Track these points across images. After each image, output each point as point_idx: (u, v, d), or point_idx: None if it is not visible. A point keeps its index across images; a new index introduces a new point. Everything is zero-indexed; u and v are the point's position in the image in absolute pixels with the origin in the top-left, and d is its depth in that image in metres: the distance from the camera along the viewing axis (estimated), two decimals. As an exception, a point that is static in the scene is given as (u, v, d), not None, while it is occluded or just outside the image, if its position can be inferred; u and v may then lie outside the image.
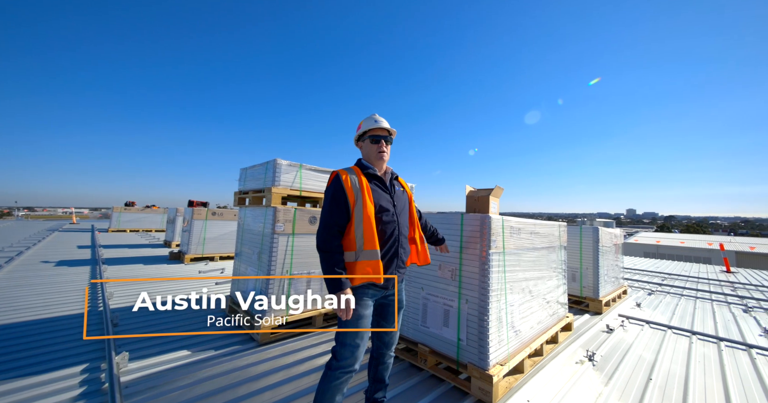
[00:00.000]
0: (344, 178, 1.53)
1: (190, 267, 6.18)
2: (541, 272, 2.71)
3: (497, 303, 2.11)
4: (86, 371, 2.14)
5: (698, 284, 6.39)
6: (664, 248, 20.19)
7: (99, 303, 3.65)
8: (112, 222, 13.52)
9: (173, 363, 2.29)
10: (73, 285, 4.45)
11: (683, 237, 25.60)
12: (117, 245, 8.94)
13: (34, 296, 3.87)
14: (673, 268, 8.71)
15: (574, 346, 2.90)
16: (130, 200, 15.10)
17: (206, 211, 6.94)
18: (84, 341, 2.60)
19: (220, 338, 2.76)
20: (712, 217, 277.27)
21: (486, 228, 2.09)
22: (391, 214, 1.60)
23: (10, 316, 3.19)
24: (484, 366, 1.99)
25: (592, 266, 4.19)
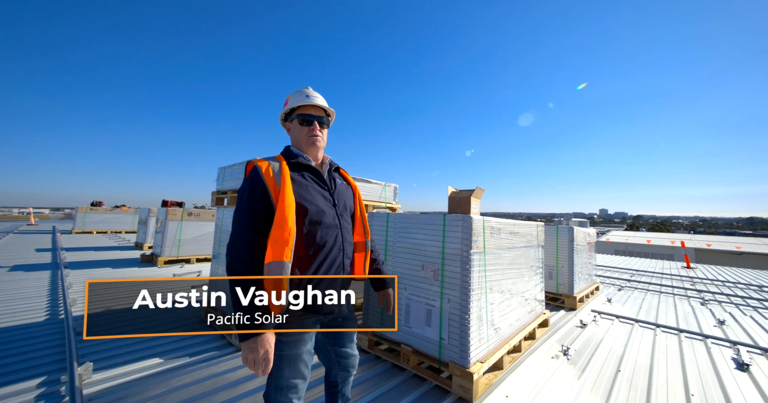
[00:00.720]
0: (264, 168, 1.14)
1: (164, 270, 5.89)
2: (520, 271, 2.80)
3: (478, 302, 2.16)
4: (44, 384, 1.98)
5: (662, 280, 6.85)
6: (632, 246, 21.54)
7: (60, 311, 3.39)
8: (76, 223, 12.63)
9: (143, 372, 2.16)
10: (30, 292, 4.11)
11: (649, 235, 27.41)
12: (82, 248, 8.36)
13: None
14: (640, 264, 9.27)
15: (550, 341, 3.01)
16: (97, 200, 14.16)
17: (182, 211, 6.63)
18: (42, 353, 2.41)
19: (196, 344, 2.64)
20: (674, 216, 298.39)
21: (467, 228, 2.13)
22: (331, 216, 1.24)
23: (-45, 327, 2.90)
24: (465, 364, 2.02)
25: (567, 264, 4.38)
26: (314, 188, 1.23)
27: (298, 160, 1.25)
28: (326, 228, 1.21)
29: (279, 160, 1.21)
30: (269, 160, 1.20)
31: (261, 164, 1.16)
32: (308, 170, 1.26)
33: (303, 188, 1.19)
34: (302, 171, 1.24)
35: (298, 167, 1.24)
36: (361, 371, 2.30)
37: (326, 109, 1.32)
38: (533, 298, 3.09)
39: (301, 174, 1.23)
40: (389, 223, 2.66)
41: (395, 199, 4.26)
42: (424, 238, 2.37)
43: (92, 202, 14.19)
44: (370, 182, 3.92)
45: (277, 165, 1.17)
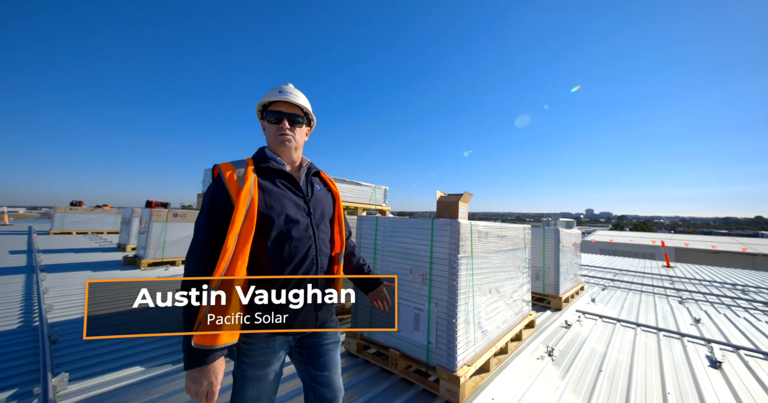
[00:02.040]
0: (228, 175, 1.04)
1: (148, 273, 5.72)
2: (507, 273, 2.84)
3: (465, 305, 2.18)
4: (14, 397, 1.89)
5: (643, 279, 7.10)
6: (617, 246, 22.24)
7: (35, 317, 3.25)
8: (54, 223, 12.11)
9: (124, 381, 2.09)
10: (2, 297, 3.92)
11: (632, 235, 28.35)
12: (60, 250, 8.03)
13: (-49, 312, 3.35)
14: (623, 264, 9.57)
15: (536, 342, 3.07)
16: (77, 199, 13.62)
17: (167, 212, 6.45)
18: (14, 363, 2.30)
19: (178, 352, 2.57)
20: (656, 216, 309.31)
21: (455, 233, 2.14)
22: (303, 226, 1.12)
23: None
24: (452, 368, 2.04)
25: (553, 266, 4.48)
26: (286, 196, 1.11)
27: (269, 164, 1.13)
28: (297, 240, 1.10)
29: (246, 163, 1.10)
30: (235, 164, 1.08)
31: (225, 170, 1.05)
32: (281, 176, 1.15)
33: (272, 196, 1.08)
34: (274, 177, 1.13)
35: (269, 173, 1.13)
36: (349, 376, 2.29)
37: (303, 107, 1.17)
38: (520, 299, 3.14)
39: (272, 180, 1.11)
40: (378, 227, 2.66)
41: (385, 202, 4.26)
42: (413, 242, 2.38)
43: (72, 201, 13.64)
44: (360, 185, 3.91)
45: (242, 170, 1.06)
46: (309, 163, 1.28)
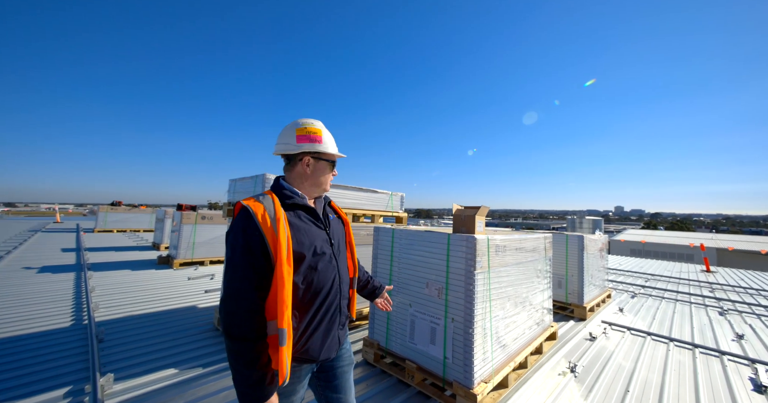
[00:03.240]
0: (260, 216, 1.02)
1: (180, 272, 6.11)
2: (526, 286, 2.77)
3: (482, 321, 2.16)
4: (70, 394, 2.11)
5: (679, 286, 6.64)
6: (649, 246, 20.82)
7: (84, 315, 3.59)
8: (98, 222, 13.20)
9: (160, 383, 2.28)
10: (57, 295, 4.35)
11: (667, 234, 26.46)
12: (103, 248, 8.75)
13: (16, 308, 3.77)
14: (656, 268, 9.00)
15: (557, 356, 2.99)
16: (117, 200, 14.76)
17: (195, 215, 6.84)
18: (68, 360, 2.57)
19: (208, 355, 2.75)
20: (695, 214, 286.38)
21: (471, 248, 2.12)
22: (328, 257, 1.17)
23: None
24: (469, 385, 2.04)
25: (577, 273, 4.30)
26: (311, 230, 1.15)
27: (295, 200, 1.15)
28: (323, 272, 1.15)
29: (272, 200, 1.10)
30: (262, 201, 1.07)
31: (255, 209, 1.03)
32: (304, 210, 1.18)
33: (300, 232, 1.11)
34: (299, 212, 1.16)
35: (294, 208, 1.15)
36: (367, 386, 2.35)
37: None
38: (541, 310, 3.06)
39: (298, 216, 1.14)
40: (395, 239, 2.68)
41: (402, 209, 4.26)
42: (429, 255, 2.38)
43: (112, 201, 14.81)
44: (377, 192, 3.94)
45: (272, 210, 1.05)
46: (324, 195, 1.33)
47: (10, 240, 9.75)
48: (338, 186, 3.56)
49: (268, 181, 2.98)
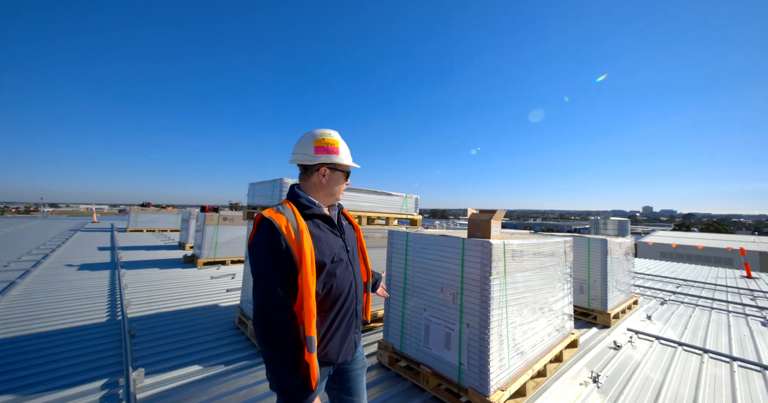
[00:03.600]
0: (284, 227, 1.06)
1: (203, 271, 6.39)
2: (545, 291, 2.69)
3: (498, 328, 2.12)
4: (106, 386, 2.28)
5: (715, 293, 6.20)
6: (681, 250, 19.50)
7: (118, 312, 3.84)
8: (129, 222, 14.06)
9: (186, 379, 2.40)
10: (94, 291, 4.68)
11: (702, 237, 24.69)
12: (134, 247, 9.30)
13: (58, 303, 4.09)
14: (689, 273, 8.45)
15: (578, 365, 2.88)
16: (147, 201, 15.66)
17: (218, 216, 7.13)
18: (104, 354, 2.76)
19: (230, 353, 2.87)
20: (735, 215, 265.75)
21: (487, 254, 2.09)
22: (345, 263, 1.22)
23: (38, 325, 3.39)
24: (485, 392, 2.01)
25: (600, 278, 4.12)
26: (330, 238, 1.20)
27: (313, 210, 1.20)
28: (341, 278, 1.20)
29: (292, 211, 1.14)
30: (283, 212, 1.11)
31: (279, 221, 1.07)
32: (321, 218, 1.23)
33: (320, 241, 1.15)
34: (317, 221, 1.21)
35: (313, 217, 1.20)
36: (382, 389, 2.37)
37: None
38: (561, 316, 2.96)
39: (317, 225, 1.19)
40: (409, 242, 2.69)
41: (416, 211, 4.25)
42: (443, 260, 2.37)
43: (142, 203, 15.72)
44: (392, 195, 3.96)
45: (294, 221, 1.10)
46: (337, 203, 1.38)
47: (54, 239, 10.57)
48: (353, 189, 3.60)
49: (285, 185, 3.07)
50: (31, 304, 4.05)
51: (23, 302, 4.13)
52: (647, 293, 5.85)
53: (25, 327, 3.31)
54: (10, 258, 7.02)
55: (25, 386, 2.25)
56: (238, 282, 5.57)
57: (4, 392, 2.16)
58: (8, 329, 3.26)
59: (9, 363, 2.56)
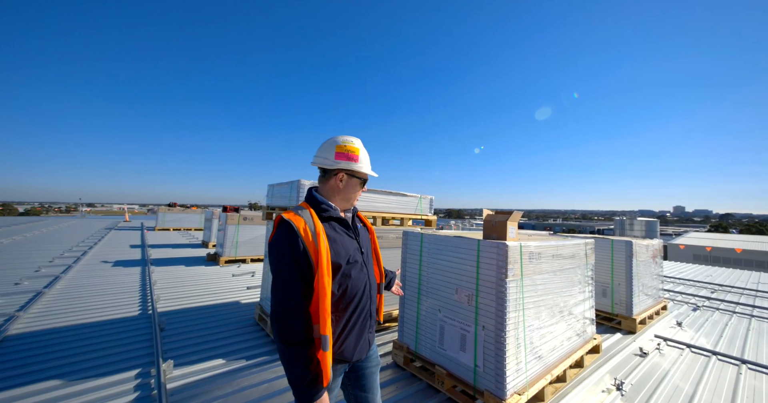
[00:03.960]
0: (302, 229, 1.11)
1: (225, 269, 6.66)
2: (564, 294, 2.62)
3: (515, 330, 2.09)
4: (139, 375, 2.44)
5: (755, 299, 5.76)
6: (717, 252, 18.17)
7: (148, 306, 4.08)
8: (158, 221, 14.88)
9: (210, 372, 2.53)
10: (127, 287, 5.00)
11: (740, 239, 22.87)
12: (162, 245, 9.83)
13: (96, 297, 4.41)
14: (725, 277, 7.89)
15: (601, 371, 2.78)
16: (173, 201, 16.50)
17: (238, 216, 7.41)
18: (137, 346, 2.95)
19: (250, 348, 2.99)
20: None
21: (503, 256, 2.07)
22: (359, 265, 1.27)
23: (78, 317, 3.68)
24: (501, 396, 1.99)
25: (625, 282, 3.95)
26: (345, 240, 1.25)
27: (330, 213, 1.25)
28: (356, 279, 1.24)
29: (309, 213, 1.19)
30: (301, 215, 1.16)
31: (297, 222, 1.12)
32: (338, 221, 1.28)
33: (336, 243, 1.20)
34: (333, 223, 1.26)
35: (329, 220, 1.25)
36: (396, 389, 2.40)
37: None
38: (582, 320, 2.87)
39: (333, 227, 1.24)
40: (423, 243, 2.69)
41: (430, 211, 4.24)
42: (458, 261, 2.36)
43: (169, 203, 16.57)
44: (406, 195, 3.97)
45: (312, 224, 1.15)
46: (353, 207, 1.42)
47: (92, 237, 11.36)
48: (368, 190, 3.65)
49: (302, 187, 3.16)
50: (73, 297, 4.39)
51: (66, 295, 4.49)
52: (677, 299, 5.53)
53: (69, 318, 3.60)
54: (54, 254, 7.63)
55: (70, 373, 2.45)
56: (257, 280, 5.77)
57: (53, 378, 2.37)
58: (54, 319, 3.56)
59: (56, 351, 2.81)
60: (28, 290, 4.62)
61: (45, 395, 2.16)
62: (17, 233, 11.57)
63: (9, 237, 10.27)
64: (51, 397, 2.14)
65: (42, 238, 10.74)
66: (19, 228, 13.38)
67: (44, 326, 3.36)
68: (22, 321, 3.47)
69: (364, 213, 3.61)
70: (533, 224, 58.19)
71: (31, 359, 2.64)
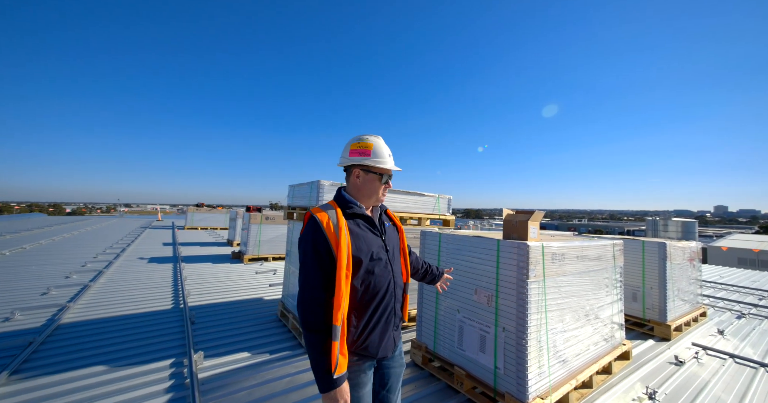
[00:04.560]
0: (325, 223, 1.17)
1: (249, 267, 6.95)
2: (590, 297, 2.52)
3: (537, 333, 2.04)
4: (173, 365, 2.62)
5: (812, 308, 5.22)
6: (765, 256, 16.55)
7: (180, 300, 4.35)
8: (187, 221, 15.76)
9: (237, 364, 2.67)
10: (161, 282, 5.35)
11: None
12: (191, 243, 10.40)
13: (133, 291, 4.76)
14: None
15: (631, 379, 2.65)
16: (200, 202, 17.40)
17: (261, 216, 7.70)
18: (171, 337, 3.16)
19: (274, 343, 3.12)
20: None
21: (524, 256, 2.03)
22: (384, 262, 1.28)
23: (119, 309, 3.99)
24: (523, 399, 1.95)
25: (657, 285, 3.72)
26: (369, 237, 1.27)
27: (354, 210, 1.28)
28: (380, 276, 1.26)
29: (335, 209, 1.25)
30: (326, 210, 1.23)
31: (321, 217, 1.19)
32: (362, 218, 1.31)
33: (359, 239, 1.23)
34: (357, 220, 1.29)
35: (354, 217, 1.28)
36: (415, 388, 2.41)
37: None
38: (610, 325, 2.74)
39: (357, 224, 1.27)
40: (441, 243, 2.69)
41: (449, 211, 4.21)
42: (478, 262, 2.33)
43: (197, 203, 17.49)
44: (424, 195, 3.96)
45: (335, 219, 1.20)
46: (381, 204, 1.44)
47: (129, 235, 12.22)
48: (385, 190, 3.67)
49: (322, 187, 3.24)
50: (114, 290, 4.76)
51: (108, 288, 4.87)
52: (719, 305, 5.12)
53: (111, 310, 3.91)
54: (98, 251, 8.29)
55: (113, 360, 2.67)
56: (279, 278, 5.97)
57: (99, 363, 2.60)
58: (99, 310, 3.88)
59: (100, 339, 3.06)
60: (76, 283, 5.06)
61: (94, 378, 2.37)
62: (66, 231, 12.68)
63: (59, 235, 11.28)
64: (100, 381, 2.35)
65: (87, 235, 11.70)
66: (68, 226, 14.68)
67: (90, 316, 3.67)
68: (72, 311, 3.81)
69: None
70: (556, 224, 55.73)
71: (81, 346, 2.90)
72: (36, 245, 8.97)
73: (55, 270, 5.94)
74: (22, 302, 4.07)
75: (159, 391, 2.25)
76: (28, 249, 8.29)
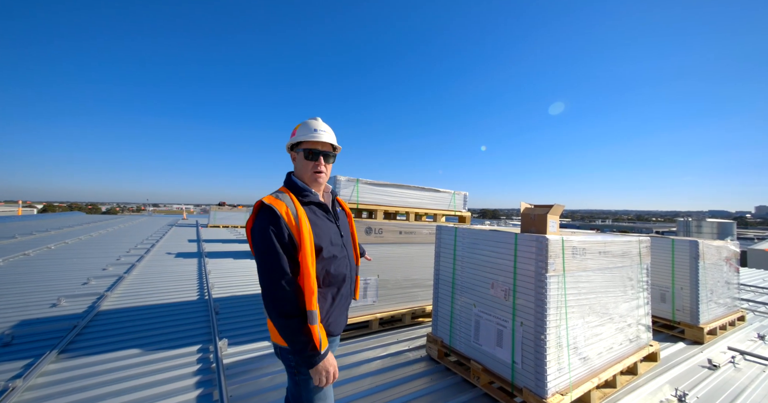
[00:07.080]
0: (284, 213, 1.15)
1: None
2: (613, 295, 2.44)
3: (556, 328, 2.00)
4: (200, 351, 2.77)
5: None
6: (817, 259, 15.13)
7: (205, 292, 4.57)
8: (210, 219, 16.46)
9: (257, 352, 2.78)
10: (187, 275, 5.63)
11: None
12: (214, 240, 10.86)
13: (163, 283, 5.05)
14: (829, 288, 6.59)
15: (659, 380, 2.54)
16: (222, 201, 18.12)
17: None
18: (197, 325, 3.34)
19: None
20: None
21: (543, 250, 1.99)
22: (340, 247, 1.32)
23: (150, 299, 4.25)
24: (542, 394, 1.92)
25: (689, 286, 3.52)
26: (325, 224, 1.29)
27: (309, 198, 1.28)
28: (338, 260, 1.30)
29: (289, 197, 1.22)
30: (282, 198, 1.20)
31: (279, 207, 1.16)
32: (317, 205, 1.31)
33: (318, 226, 1.24)
34: (313, 207, 1.29)
35: (309, 204, 1.28)
36: (431, 380, 2.42)
37: (334, 145, 1.33)
38: (635, 325, 2.64)
39: (314, 211, 1.28)
40: (457, 238, 2.68)
41: (464, 208, 4.17)
42: (495, 256, 2.31)
43: (219, 202, 18.24)
44: (440, 191, 3.95)
45: (293, 208, 1.19)
46: (331, 189, 1.48)
47: (157, 232, 12.92)
48: (401, 186, 3.70)
49: (339, 182, 3.31)
50: (145, 282, 5.08)
51: (140, 280, 5.20)
52: (760, 309, 4.77)
53: (143, 299, 4.18)
54: (130, 246, 8.84)
55: (146, 344, 2.86)
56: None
57: (134, 347, 2.79)
58: (132, 299, 4.15)
59: (134, 326, 3.29)
60: (112, 274, 5.44)
61: (131, 360, 2.56)
62: (102, 228, 13.59)
63: (96, 231, 12.11)
64: (136, 362, 2.53)
65: (120, 232, 12.50)
66: (103, 224, 15.75)
67: (125, 305, 3.94)
68: (109, 299, 4.11)
69: (396, 208, 3.67)
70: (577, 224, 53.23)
71: (118, 331, 3.13)
72: (76, 240, 9.69)
73: (94, 263, 6.40)
74: (67, 291, 4.42)
75: (188, 373, 2.39)
76: (69, 243, 8.97)
